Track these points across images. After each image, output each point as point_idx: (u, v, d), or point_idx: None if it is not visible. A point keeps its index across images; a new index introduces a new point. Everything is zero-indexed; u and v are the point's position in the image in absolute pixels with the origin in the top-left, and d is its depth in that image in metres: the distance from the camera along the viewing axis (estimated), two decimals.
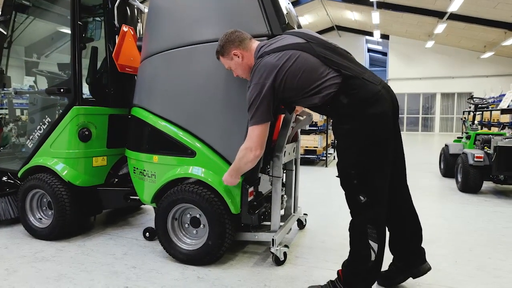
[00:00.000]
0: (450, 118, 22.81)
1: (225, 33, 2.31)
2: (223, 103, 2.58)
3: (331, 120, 2.22)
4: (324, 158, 8.25)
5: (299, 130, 3.15)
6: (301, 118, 3.00)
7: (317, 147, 7.70)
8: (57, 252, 2.92)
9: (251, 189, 2.58)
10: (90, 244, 3.09)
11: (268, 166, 2.77)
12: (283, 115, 2.77)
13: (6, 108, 3.82)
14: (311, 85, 2.05)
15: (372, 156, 1.99)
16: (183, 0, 2.71)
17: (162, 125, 2.73)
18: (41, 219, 3.26)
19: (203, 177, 2.59)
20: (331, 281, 2.17)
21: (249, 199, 2.57)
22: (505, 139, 4.84)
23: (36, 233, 3.21)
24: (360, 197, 2.00)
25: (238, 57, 2.28)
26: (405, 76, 22.89)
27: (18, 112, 3.90)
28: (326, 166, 7.92)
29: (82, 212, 3.23)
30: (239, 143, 2.53)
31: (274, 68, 2.07)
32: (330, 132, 8.24)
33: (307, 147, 7.76)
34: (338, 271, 2.15)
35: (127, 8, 3.47)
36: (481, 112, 13.06)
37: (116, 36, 3.22)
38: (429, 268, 2.30)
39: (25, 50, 4.15)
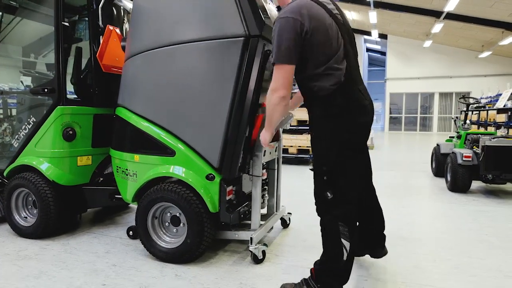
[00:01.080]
0: (448, 118, 22.78)
1: None
2: (203, 104, 2.60)
3: (313, 115, 2.13)
4: None
5: (280, 130, 3.18)
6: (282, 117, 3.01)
7: (310, 147, 7.71)
8: (41, 250, 2.95)
9: (229, 188, 2.61)
10: (73, 243, 3.12)
11: (248, 166, 2.79)
12: (263, 115, 2.79)
13: None
14: (325, 63, 1.97)
15: (350, 155, 2.05)
16: (163, 1, 2.74)
17: (143, 125, 2.76)
18: (26, 217, 3.29)
19: (183, 177, 2.62)
20: (304, 279, 2.19)
21: (228, 198, 2.60)
22: (493, 138, 4.86)
23: (21, 232, 3.24)
24: (328, 193, 2.04)
25: None
26: (404, 76, 22.89)
27: (8, 112, 3.91)
28: None
29: (66, 211, 3.26)
30: (218, 143, 2.57)
31: (315, 18, 1.94)
32: None
33: (300, 146, 7.78)
34: (311, 269, 2.18)
35: (113, 8, 3.49)
36: (478, 112, 13.05)
37: (101, 36, 3.25)
38: (386, 253, 2.56)
39: (14, 50, 4.18)
